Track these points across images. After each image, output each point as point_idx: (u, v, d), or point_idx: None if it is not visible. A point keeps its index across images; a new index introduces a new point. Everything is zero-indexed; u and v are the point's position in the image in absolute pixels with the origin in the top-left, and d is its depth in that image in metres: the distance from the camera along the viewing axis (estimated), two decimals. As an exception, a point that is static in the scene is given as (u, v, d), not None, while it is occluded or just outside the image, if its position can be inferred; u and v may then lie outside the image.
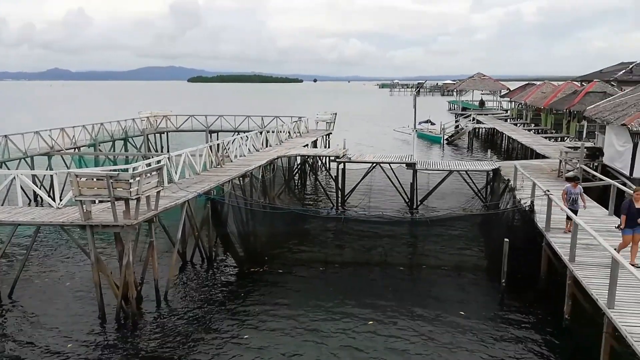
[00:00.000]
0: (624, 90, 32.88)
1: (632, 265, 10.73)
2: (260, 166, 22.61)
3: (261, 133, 28.60)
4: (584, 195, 14.79)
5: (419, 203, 23.32)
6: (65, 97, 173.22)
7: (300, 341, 12.33)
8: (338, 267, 16.86)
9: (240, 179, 20.57)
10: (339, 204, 23.96)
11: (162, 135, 39.87)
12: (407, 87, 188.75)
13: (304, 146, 29.57)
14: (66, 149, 27.89)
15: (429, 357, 11.61)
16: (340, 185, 24.08)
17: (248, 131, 29.41)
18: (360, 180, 24.26)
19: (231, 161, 23.08)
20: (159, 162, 16.81)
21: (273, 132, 29.71)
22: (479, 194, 23.13)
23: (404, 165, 23.45)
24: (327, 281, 16.10)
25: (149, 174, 13.30)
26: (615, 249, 10.72)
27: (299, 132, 34.17)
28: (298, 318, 13.39)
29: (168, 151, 29.52)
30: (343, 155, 24.34)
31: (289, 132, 32.41)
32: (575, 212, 14.23)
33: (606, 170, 22.50)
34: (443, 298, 14.55)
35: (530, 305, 14.06)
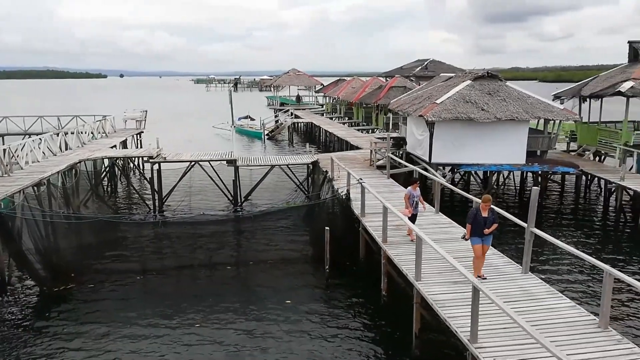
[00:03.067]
0: (421, 84, 37.68)
1: (479, 277, 11.11)
2: (59, 172, 20.48)
3: (58, 135, 25.86)
4: (421, 197, 14.79)
5: (243, 200, 23.59)
6: None
7: (122, 353, 11.61)
8: (158, 274, 16.21)
9: (35, 188, 18.40)
10: (157, 208, 22.96)
11: None
12: (224, 83, 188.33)
13: (112, 147, 27.64)
14: None
15: (260, 349, 11.90)
16: (156, 188, 23.08)
17: (42, 133, 26.33)
18: (179, 181, 23.57)
19: (21, 168, 20.50)
20: None
21: (73, 133, 27.13)
22: (301, 187, 24.31)
23: (225, 162, 23.45)
24: (147, 290, 15.40)
25: None
26: (461, 263, 10.78)
27: (105, 133, 31.79)
28: (114, 331, 12.58)
29: None
30: (157, 155, 23.36)
31: (92, 133, 29.92)
32: (415, 217, 14.46)
33: (410, 158, 25.57)
34: (270, 291, 15.02)
35: (353, 286, 15.34)
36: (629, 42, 28.12)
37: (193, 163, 23.65)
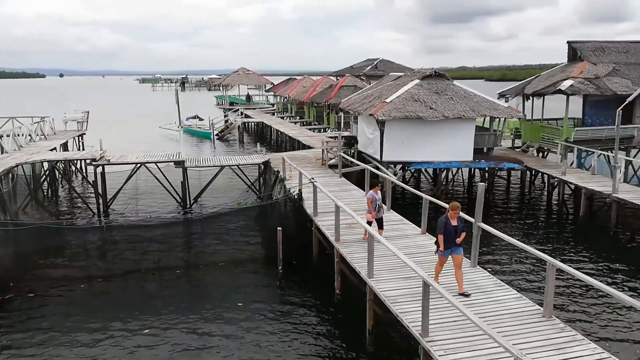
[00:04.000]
0: (371, 83, 38.22)
1: (461, 294, 10.61)
2: (-6, 176, 19.53)
3: (-8, 137, 24.65)
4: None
5: (192, 202, 23.21)
6: None
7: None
8: (104, 280, 15.73)
9: (-34, 193, 17.48)
10: (102, 212, 22.26)
11: None
12: (171, 82, 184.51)
13: (51, 150, 26.57)
14: None
15: (211, 352, 11.79)
16: (100, 191, 22.36)
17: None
18: (124, 184, 22.93)
19: (-50, 173, 19.42)
20: None
21: (9, 135, 25.91)
22: (252, 187, 24.17)
23: (172, 163, 23.01)
24: (92, 297, 14.88)
25: None
26: (411, 259, 10.78)
27: (44, 135, 30.52)
28: (57, 340, 12.16)
29: None
30: (101, 158, 22.64)
31: (29, 135, 28.66)
32: (381, 219, 14.11)
33: (362, 156, 25.90)
34: (222, 293, 14.89)
35: (306, 285, 15.41)
36: (568, 42, 29.58)
37: (139, 165, 23.07)
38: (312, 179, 16.80)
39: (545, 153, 29.01)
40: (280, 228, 15.85)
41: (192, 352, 11.85)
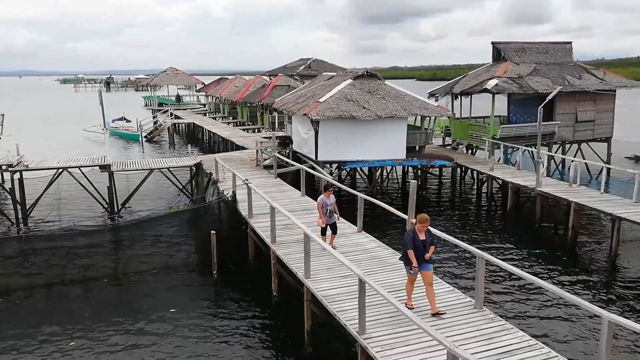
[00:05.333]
0: (305, 83, 38.39)
1: (435, 314, 9.82)
2: None
3: None
4: (336, 205, 13.86)
5: (120, 207, 22.36)
6: None
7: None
8: (25, 293, 14.85)
9: None
10: (20, 221, 20.99)
11: None
12: (95, 83, 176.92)
13: (-38, 155, 24.74)
14: None
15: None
16: (18, 199, 21.09)
17: None
18: (45, 190, 21.77)
19: None
20: None
21: None
22: (184, 190, 23.63)
23: (98, 167, 22.07)
24: (10, 312, 14.01)
25: None
26: (347, 257, 10.74)
27: (-48, 139, 28.39)
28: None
29: None
30: (18, 163, 21.36)
31: None
32: (333, 225, 13.65)
33: (297, 156, 25.96)
34: (154, 301, 14.47)
35: (243, 288, 15.27)
36: (492, 43, 31.00)
37: (61, 170, 21.96)
38: (246, 180, 16.64)
39: (474, 150, 30.29)
40: (213, 231, 15.58)
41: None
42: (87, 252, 15.84)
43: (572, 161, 22.52)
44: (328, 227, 13.65)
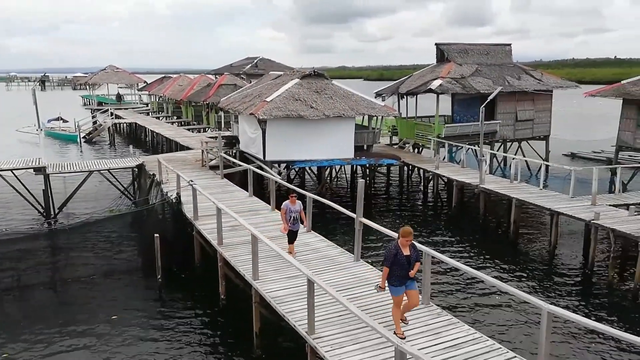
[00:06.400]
0: (252, 82, 38.10)
1: (401, 332, 9.00)
2: None
3: None
4: (303, 212, 13.35)
5: (57, 211, 21.45)
6: None
7: None
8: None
9: None
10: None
11: None
12: (29, 81, 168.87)
13: None
14: None
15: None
16: (-57, 205, 19.87)
17: None
18: (-27, 195, 20.61)
19: None
20: None
21: None
22: (126, 192, 22.93)
23: (32, 170, 21.08)
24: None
25: None
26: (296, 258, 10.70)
27: None
28: None
29: None
30: (-57, 165, 20.10)
31: None
32: (296, 233, 13.12)
33: (244, 156, 25.73)
34: (95, 308, 14.00)
35: (189, 292, 14.98)
36: (436, 44, 31.82)
37: (-9, 173, 20.84)
38: (191, 181, 16.32)
39: (420, 149, 30.98)
40: (157, 234, 15.17)
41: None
42: (22, 259, 15.04)
43: (513, 159, 23.41)
44: (293, 234, 13.03)
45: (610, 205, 18.38)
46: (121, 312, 13.66)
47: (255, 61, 55.68)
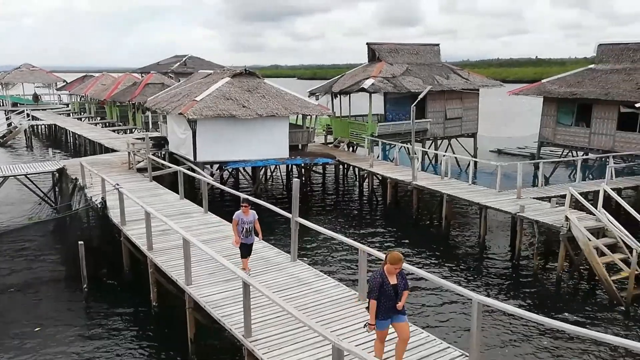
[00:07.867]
0: (180, 81, 37.29)
1: None
2: None
3: None
4: (258, 222, 12.17)
5: (-32, 221, 20.07)
6: None
7: None
8: None
9: None
10: None
11: None
12: None
13: None
14: None
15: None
16: None
17: None
18: None
19: None
20: None
21: None
22: (47, 198, 21.83)
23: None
24: None
25: None
26: (230, 260, 9.99)
27: None
28: None
29: None
30: None
31: None
32: (250, 247, 12.09)
33: (174, 158, 25.14)
34: (14, 321, 13.24)
35: (118, 301, 14.44)
36: (367, 43, 32.40)
37: None
38: (117, 184, 15.75)
39: (355, 147, 31.49)
40: (82, 242, 14.54)
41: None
42: None
43: (444, 156, 24.30)
44: (246, 248, 12.03)
45: (534, 198, 19.48)
46: (45, 324, 12.98)
47: (184, 59, 54.61)
